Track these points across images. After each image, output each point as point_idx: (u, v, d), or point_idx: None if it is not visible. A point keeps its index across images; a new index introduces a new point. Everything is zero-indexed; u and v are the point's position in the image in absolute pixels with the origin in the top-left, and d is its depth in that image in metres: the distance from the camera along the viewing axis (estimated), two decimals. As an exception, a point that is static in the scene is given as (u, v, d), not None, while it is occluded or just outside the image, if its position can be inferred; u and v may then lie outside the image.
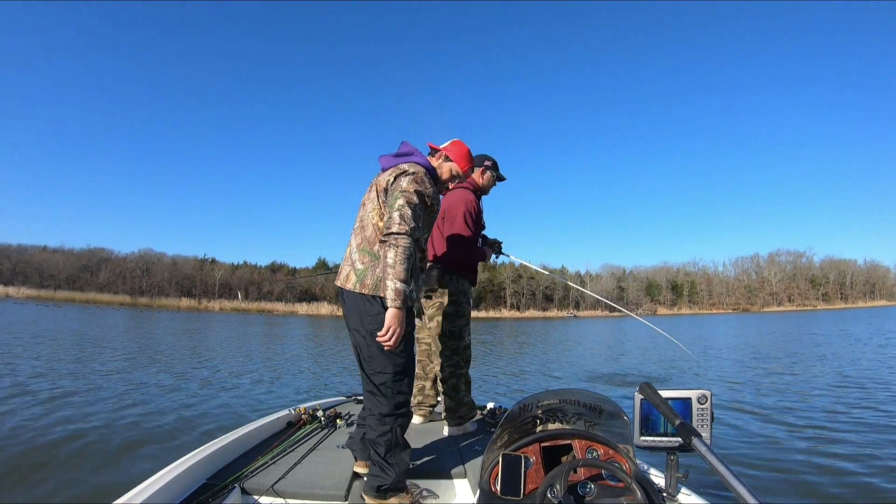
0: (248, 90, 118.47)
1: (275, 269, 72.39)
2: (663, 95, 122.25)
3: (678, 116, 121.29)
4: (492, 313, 68.01)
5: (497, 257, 3.19)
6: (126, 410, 5.59)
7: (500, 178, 3.01)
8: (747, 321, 38.88)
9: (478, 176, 2.91)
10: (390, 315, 1.76)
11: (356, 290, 1.88)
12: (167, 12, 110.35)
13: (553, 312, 72.59)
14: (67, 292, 58.83)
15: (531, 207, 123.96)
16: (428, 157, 2.07)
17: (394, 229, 1.76)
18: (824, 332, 20.55)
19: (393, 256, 1.75)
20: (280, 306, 62.79)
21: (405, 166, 1.92)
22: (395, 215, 1.78)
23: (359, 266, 1.90)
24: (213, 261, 71.41)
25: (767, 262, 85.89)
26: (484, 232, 3.06)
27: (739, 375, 8.76)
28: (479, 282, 3.19)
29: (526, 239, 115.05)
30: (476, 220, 2.81)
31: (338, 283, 1.99)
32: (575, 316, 68.35)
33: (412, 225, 1.78)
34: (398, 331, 1.78)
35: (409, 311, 1.90)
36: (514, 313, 70.00)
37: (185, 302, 61.67)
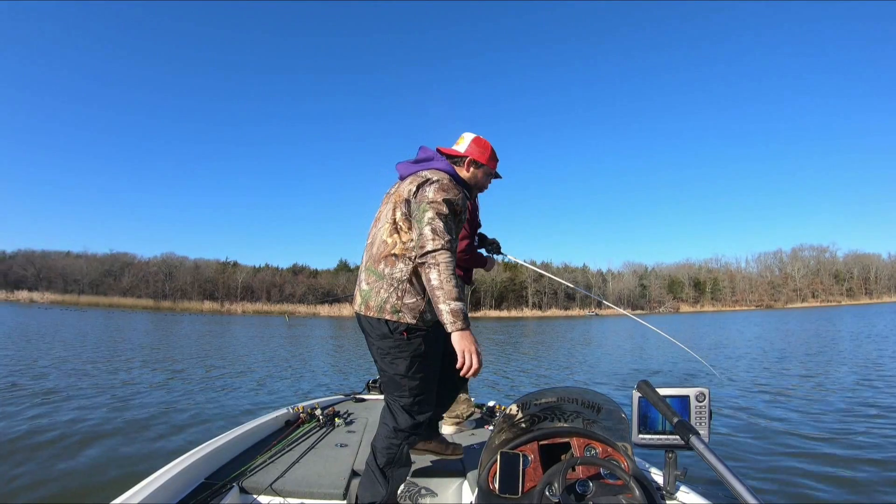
0: (268, 90, 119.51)
1: (296, 271, 72.57)
2: (682, 90, 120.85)
3: (698, 111, 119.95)
4: (514, 312, 67.62)
5: (497, 257, 3.25)
6: (126, 410, 5.69)
7: (496, 176, 2.93)
8: (769, 318, 38.30)
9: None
10: (457, 339, 1.57)
11: (361, 312, 1.79)
12: (179, 12, 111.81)
13: (575, 311, 71.99)
14: (91, 297, 59.42)
15: (551, 205, 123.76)
16: (453, 165, 1.90)
17: (429, 247, 1.60)
18: (845, 329, 20.06)
19: (437, 277, 1.59)
20: (302, 308, 62.79)
21: (427, 174, 1.78)
22: (427, 231, 1.62)
23: (364, 287, 1.79)
24: (235, 264, 71.83)
25: (790, 258, 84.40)
26: (482, 231, 3.07)
27: (751, 375, 8.49)
28: (500, 282, 3.24)
29: (546, 236, 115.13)
30: (470, 219, 2.78)
31: (351, 303, 1.92)
32: (597, 315, 67.72)
33: (447, 238, 1.63)
34: (474, 351, 1.58)
35: (428, 333, 1.78)
36: (537, 312, 69.48)
37: (207, 305, 61.89)
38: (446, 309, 1.57)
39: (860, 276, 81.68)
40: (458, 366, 1.58)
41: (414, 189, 1.72)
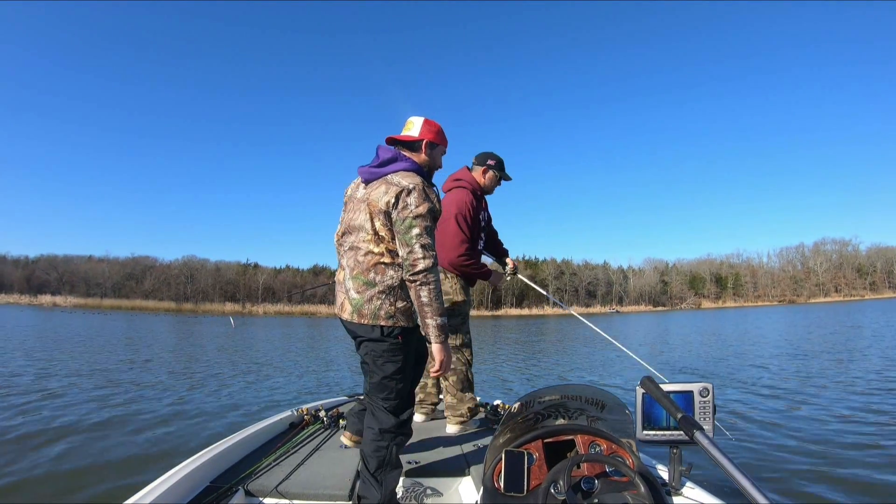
0: (285, 91, 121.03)
1: (317, 271, 72.62)
2: (701, 84, 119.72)
3: (718, 105, 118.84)
4: (535, 311, 67.22)
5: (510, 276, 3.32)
6: (129, 413, 5.66)
7: (506, 178, 2.96)
8: (791, 313, 37.71)
9: (479, 176, 2.88)
10: (437, 350, 1.75)
11: (354, 320, 1.81)
12: (191, 10, 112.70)
13: (596, 308, 71.57)
14: (114, 300, 59.94)
15: (572, 202, 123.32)
16: (410, 155, 1.89)
17: (420, 266, 1.68)
18: (867, 324, 19.62)
19: (428, 295, 1.70)
20: (323, 308, 62.70)
21: (403, 182, 1.75)
22: (417, 249, 1.69)
23: (354, 295, 1.81)
24: (256, 265, 72.11)
25: (812, 252, 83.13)
26: (500, 238, 3.09)
27: (758, 373, 8.22)
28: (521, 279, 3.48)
29: (567, 233, 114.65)
30: (473, 221, 2.77)
31: (336, 312, 1.92)
32: (618, 312, 67.33)
33: (433, 252, 1.72)
34: (448, 360, 1.78)
35: (416, 332, 1.85)
36: (558, 310, 68.87)
37: (229, 307, 61.99)
38: (433, 324, 1.70)
39: (883, 270, 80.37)
40: (432, 369, 1.77)
41: (392, 200, 1.72)
